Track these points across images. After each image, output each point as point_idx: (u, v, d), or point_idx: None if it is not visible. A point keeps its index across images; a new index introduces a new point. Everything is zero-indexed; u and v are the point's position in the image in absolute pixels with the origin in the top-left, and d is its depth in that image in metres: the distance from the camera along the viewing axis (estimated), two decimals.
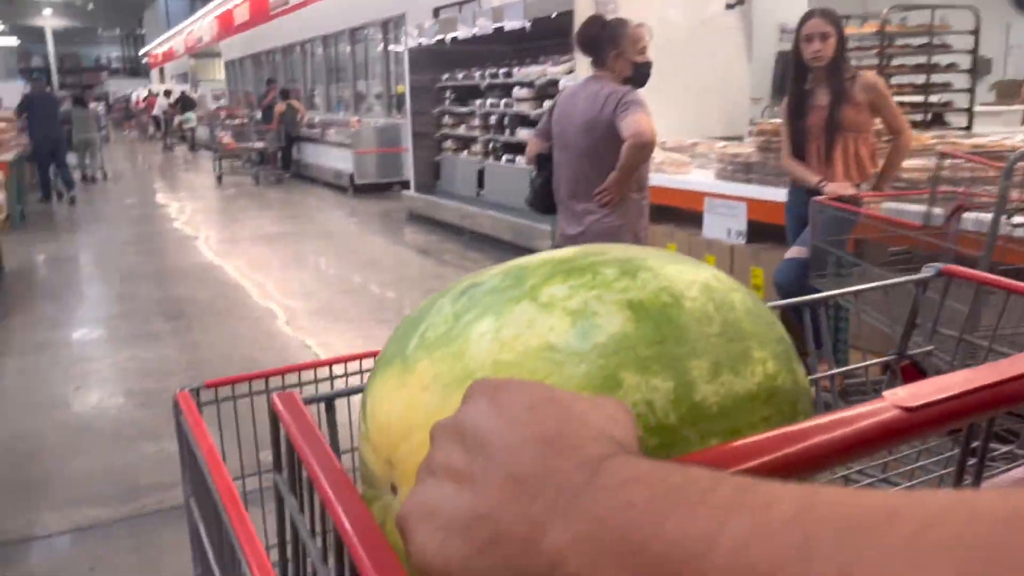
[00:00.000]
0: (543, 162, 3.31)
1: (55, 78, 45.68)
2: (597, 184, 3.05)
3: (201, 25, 26.87)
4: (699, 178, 4.68)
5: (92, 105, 15.54)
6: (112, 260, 7.05)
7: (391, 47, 12.84)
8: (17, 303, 5.66)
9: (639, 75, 3.10)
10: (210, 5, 24.01)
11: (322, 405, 0.70)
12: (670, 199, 4.50)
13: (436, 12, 10.76)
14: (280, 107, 13.43)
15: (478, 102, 8.24)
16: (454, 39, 7.97)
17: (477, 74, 8.19)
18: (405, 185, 11.87)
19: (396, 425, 0.48)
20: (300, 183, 13.23)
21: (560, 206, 3.25)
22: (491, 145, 8.18)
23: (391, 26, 12.79)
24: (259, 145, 13.25)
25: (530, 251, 6.92)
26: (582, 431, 0.32)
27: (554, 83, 7.01)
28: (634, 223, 3.13)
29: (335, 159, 12.55)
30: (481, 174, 8.27)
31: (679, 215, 4.52)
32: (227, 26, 23.75)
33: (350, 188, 11.61)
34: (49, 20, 44.36)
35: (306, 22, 16.44)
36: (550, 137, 3.24)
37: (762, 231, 3.95)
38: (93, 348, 4.60)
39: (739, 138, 5.25)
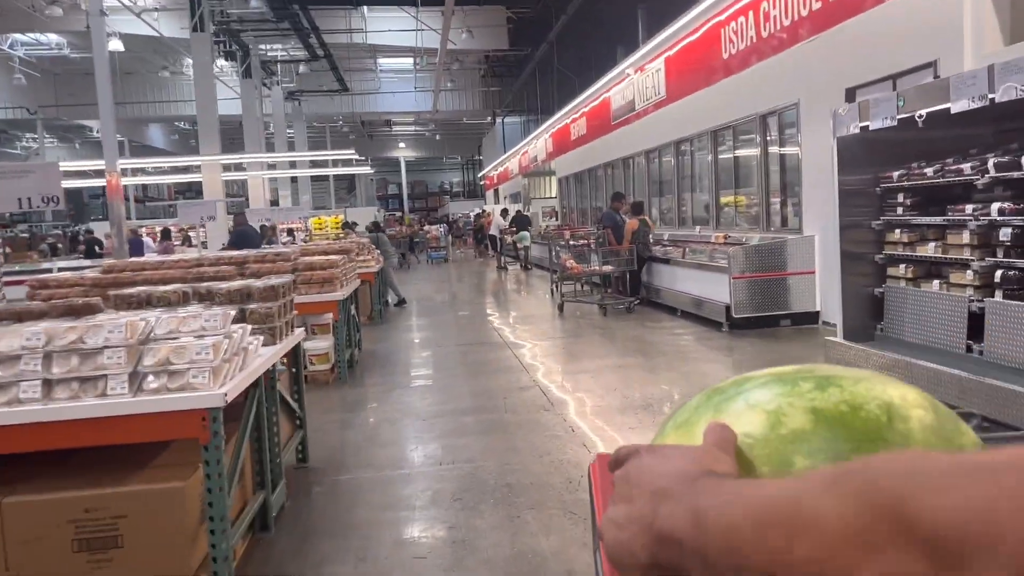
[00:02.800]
0: None
1: (406, 203, 50.04)
2: None
3: (536, 144, 26.79)
4: None
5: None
6: (449, 447, 5.07)
7: (773, 147, 10.32)
8: (316, 515, 3.79)
9: None
10: (547, 123, 23.62)
11: None
12: None
13: (851, 94, 8.08)
14: (632, 224, 11.42)
15: (969, 208, 5.30)
16: (927, 116, 5.21)
17: (967, 166, 5.30)
18: (796, 319, 9.10)
19: None
20: (653, 313, 10.98)
21: None
22: (1000, 274, 5.14)
23: (771, 121, 10.32)
24: (608, 269, 11.28)
25: None
26: (690, 466, 0.55)
27: None
28: None
29: (698, 284, 10.13)
30: (976, 319, 5.24)
31: None
32: (563, 142, 23.13)
33: (725, 323, 9.05)
34: (403, 152, 48.99)
35: (653, 128, 14.63)
36: None
37: None
38: None
39: None
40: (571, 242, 12.69)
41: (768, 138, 10.42)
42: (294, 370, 4.76)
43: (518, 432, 5.21)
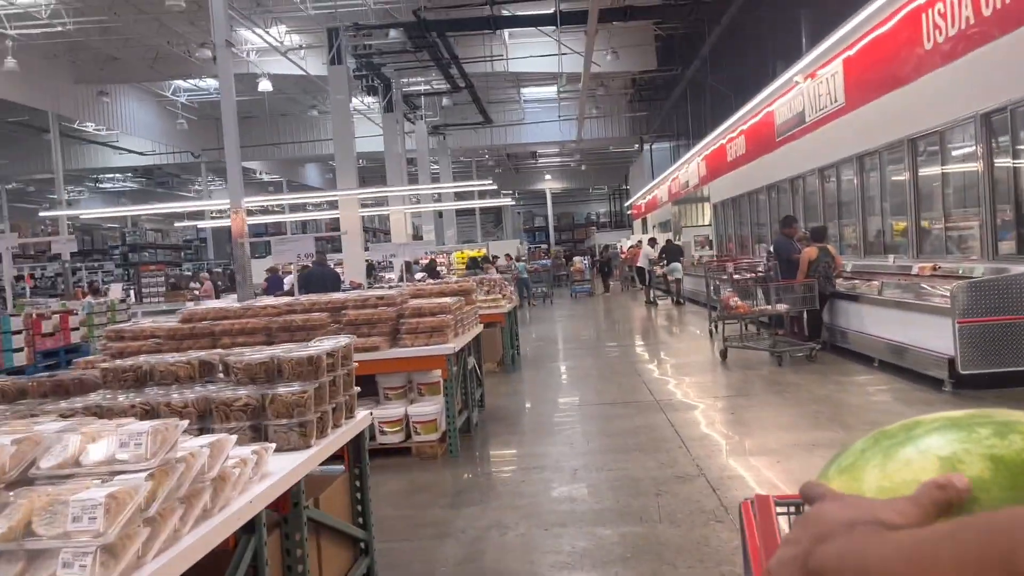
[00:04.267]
0: None
1: (551, 235, 48.98)
2: None
3: (687, 169, 24.88)
4: None
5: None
6: None
7: (1003, 155, 8.13)
8: None
9: None
10: (700, 145, 21.73)
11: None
12: None
13: None
14: (810, 252, 9.47)
15: None
16: None
17: None
18: None
19: None
20: (840, 362, 8.96)
21: None
22: None
23: (997, 121, 8.15)
24: (783, 308, 9.36)
25: None
26: (860, 514, 0.55)
27: None
28: None
29: (902, 328, 8.06)
30: None
31: None
32: (717, 165, 21.16)
33: (948, 380, 6.97)
34: (549, 183, 48.05)
35: (828, 142, 12.55)
36: None
37: None
38: None
39: None
40: (734, 276, 10.83)
41: (992, 144, 8.25)
42: (356, 471, 3.37)
43: (680, 562, 3.57)
